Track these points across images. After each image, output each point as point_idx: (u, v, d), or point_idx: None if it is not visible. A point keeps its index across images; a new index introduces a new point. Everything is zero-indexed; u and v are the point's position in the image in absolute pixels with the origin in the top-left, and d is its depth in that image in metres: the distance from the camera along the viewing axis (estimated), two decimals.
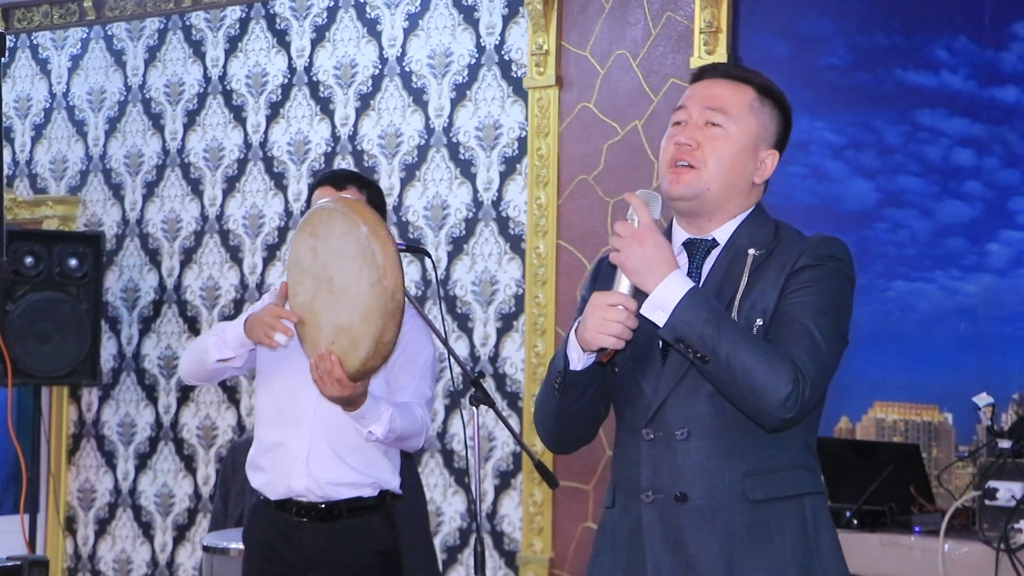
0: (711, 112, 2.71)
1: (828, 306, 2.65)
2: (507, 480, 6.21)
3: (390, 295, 3.45)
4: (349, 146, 6.68)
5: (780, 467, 2.65)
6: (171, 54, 7.24)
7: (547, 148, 6.12)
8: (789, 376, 2.54)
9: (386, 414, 3.83)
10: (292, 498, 3.98)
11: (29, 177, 7.66)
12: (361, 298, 3.49)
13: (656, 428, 2.65)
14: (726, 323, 2.55)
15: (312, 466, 3.94)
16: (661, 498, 2.64)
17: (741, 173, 2.73)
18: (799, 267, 2.65)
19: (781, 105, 2.79)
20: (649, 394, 2.66)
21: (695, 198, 2.70)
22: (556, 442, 2.83)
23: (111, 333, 7.34)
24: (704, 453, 2.63)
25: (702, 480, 2.62)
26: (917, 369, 5.29)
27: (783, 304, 2.63)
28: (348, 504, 3.98)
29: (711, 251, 2.74)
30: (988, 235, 5.23)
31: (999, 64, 5.23)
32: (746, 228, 2.73)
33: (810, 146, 5.58)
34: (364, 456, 3.97)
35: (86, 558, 7.40)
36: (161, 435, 7.21)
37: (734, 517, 2.61)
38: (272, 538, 4.00)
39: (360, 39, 6.67)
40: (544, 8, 6.08)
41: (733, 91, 2.74)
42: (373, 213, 3.55)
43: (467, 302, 6.34)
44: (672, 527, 2.63)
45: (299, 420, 3.94)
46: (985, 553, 4.40)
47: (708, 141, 2.70)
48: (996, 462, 4.49)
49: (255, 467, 4.05)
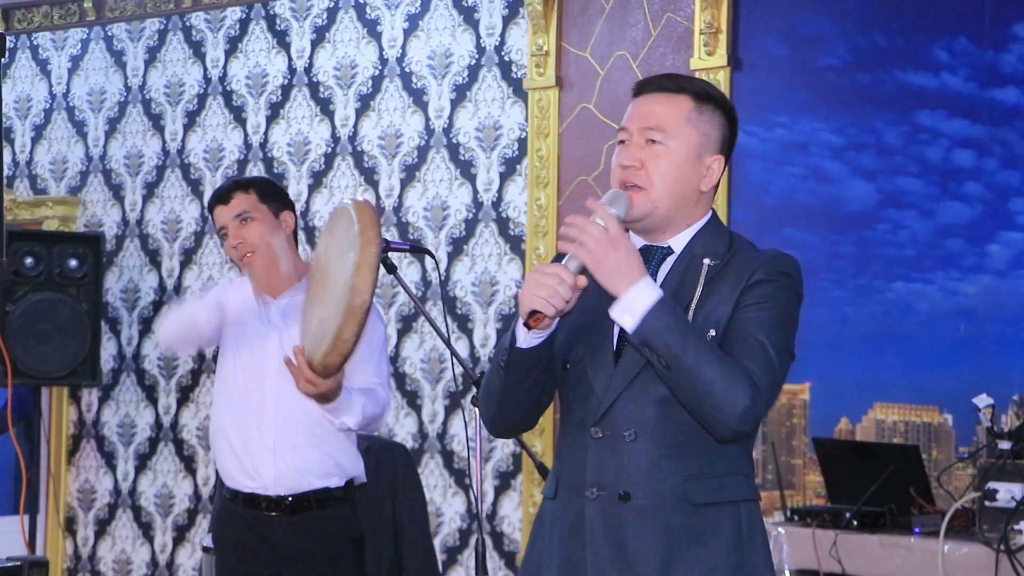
0: (649, 131, 2.76)
1: (780, 322, 2.71)
2: (507, 481, 6.21)
3: (356, 292, 3.45)
4: (349, 147, 6.68)
5: (720, 473, 2.72)
6: (171, 55, 7.24)
7: (547, 149, 6.12)
8: (748, 391, 2.61)
9: (358, 404, 3.87)
10: (260, 493, 3.99)
11: (29, 178, 7.66)
12: (337, 291, 3.51)
13: (605, 427, 2.71)
14: (692, 333, 2.61)
15: (279, 461, 3.96)
16: (605, 495, 2.70)
17: (688, 185, 2.77)
18: (753, 282, 2.70)
19: (724, 108, 2.82)
20: (600, 393, 2.72)
21: (645, 218, 2.76)
22: (496, 424, 2.88)
23: (111, 334, 7.34)
24: (650, 455, 2.69)
25: (646, 481, 2.68)
26: (917, 370, 5.29)
27: (737, 317, 2.68)
28: (316, 495, 4.00)
29: (666, 258, 2.79)
30: (988, 236, 5.23)
31: (999, 65, 5.23)
32: (701, 238, 2.79)
33: (810, 147, 5.58)
34: (329, 443, 4.01)
35: (86, 559, 7.40)
36: (161, 436, 7.21)
37: (674, 518, 2.68)
38: (244, 535, 4.02)
39: (360, 40, 6.68)
40: (544, 9, 6.08)
41: (669, 104, 2.78)
42: (373, 216, 3.57)
43: (467, 303, 6.34)
44: (614, 524, 2.69)
45: (263, 417, 3.97)
46: (985, 554, 4.40)
47: (650, 159, 2.75)
48: (996, 463, 4.50)
49: (223, 464, 4.07)
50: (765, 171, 5.67)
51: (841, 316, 5.44)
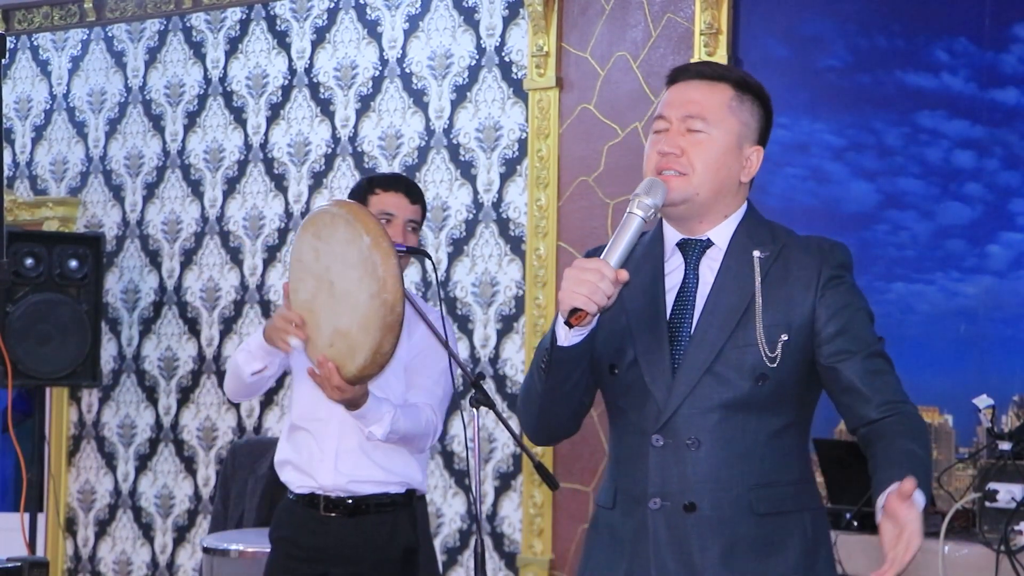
0: (691, 119, 2.70)
1: (870, 324, 2.72)
2: (507, 481, 6.21)
3: (390, 308, 3.48)
4: (349, 147, 6.68)
5: (786, 481, 2.67)
6: (171, 55, 7.24)
7: (547, 150, 6.12)
8: (920, 422, 2.66)
9: (387, 416, 3.86)
10: (318, 493, 4.00)
11: (29, 178, 7.66)
12: (360, 307, 3.52)
13: (666, 435, 2.64)
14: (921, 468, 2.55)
15: (340, 462, 3.97)
16: (669, 506, 2.64)
17: (728, 174, 2.73)
18: (824, 281, 2.68)
19: (761, 98, 2.78)
20: (660, 401, 2.65)
21: (684, 203, 2.70)
22: (538, 430, 2.80)
23: (111, 334, 7.34)
24: (714, 463, 2.63)
25: (711, 490, 2.63)
26: (917, 371, 5.29)
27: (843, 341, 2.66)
28: (375, 500, 4.00)
29: (706, 251, 2.74)
30: (988, 237, 5.23)
31: (999, 66, 5.23)
32: (744, 230, 2.74)
33: (810, 148, 5.58)
34: (391, 454, 4.00)
35: (86, 559, 7.40)
36: (161, 436, 7.21)
37: (740, 528, 2.62)
38: (298, 534, 4.04)
39: (360, 40, 6.68)
40: (544, 10, 6.08)
41: (710, 93, 2.73)
42: (375, 222, 3.57)
43: (467, 303, 6.34)
44: (679, 535, 2.63)
45: (328, 418, 3.98)
46: (985, 555, 4.40)
47: (692, 147, 2.69)
48: (996, 464, 4.49)
49: (285, 463, 4.09)
50: (765, 172, 5.62)
51: None
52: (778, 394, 2.65)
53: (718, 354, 2.64)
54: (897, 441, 2.57)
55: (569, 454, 5.89)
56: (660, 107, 2.76)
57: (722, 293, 2.68)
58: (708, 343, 2.65)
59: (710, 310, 2.67)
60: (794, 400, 2.68)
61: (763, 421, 2.64)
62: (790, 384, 2.66)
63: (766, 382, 2.63)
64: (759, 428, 2.64)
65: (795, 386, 2.67)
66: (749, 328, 2.64)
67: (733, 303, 2.66)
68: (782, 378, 2.64)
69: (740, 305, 2.65)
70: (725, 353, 2.64)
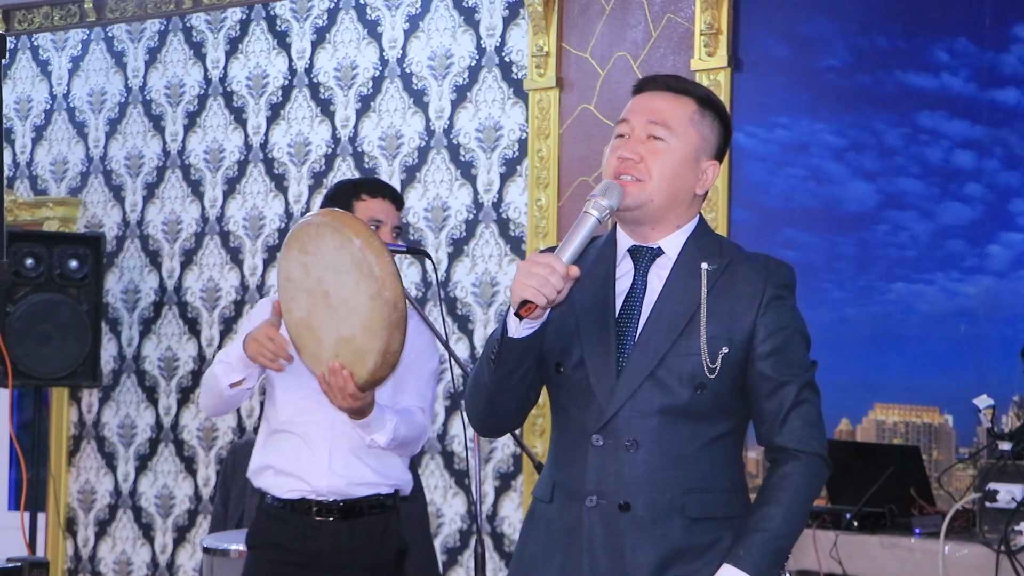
0: (653, 126, 2.77)
1: (804, 349, 2.78)
2: (507, 482, 6.21)
3: (392, 306, 3.47)
4: (349, 148, 6.68)
5: (719, 488, 2.74)
6: (172, 56, 7.24)
7: (547, 150, 6.12)
8: (823, 474, 2.74)
9: (390, 423, 3.85)
10: (310, 498, 3.96)
11: (30, 178, 7.66)
12: (361, 310, 3.50)
13: (606, 436, 2.71)
14: (774, 538, 2.69)
15: (334, 466, 3.94)
16: (605, 504, 2.71)
17: (683, 185, 2.79)
18: (767, 300, 2.74)
19: (722, 116, 2.85)
20: (602, 402, 2.72)
21: (638, 208, 2.76)
22: (484, 421, 2.88)
23: (111, 335, 7.34)
24: (650, 466, 2.70)
25: (645, 492, 2.70)
26: (917, 371, 5.29)
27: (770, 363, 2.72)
28: (367, 502, 3.99)
29: (656, 259, 2.80)
30: (988, 237, 5.23)
31: (999, 66, 5.23)
32: (695, 241, 2.80)
33: (810, 148, 5.58)
34: (382, 456, 3.99)
35: (86, 559, 7.40)
36: (161, 436, 7.21)
37: (671, 530, 2.70)
38: (288, 540, 3.98)
39: (360, 41, 6.68)
40: (544, 10, 6.08)
41: (674, 104, 2.80)
42: (363, 224, 3.56)
43: (467, 304, 6.34)
44: (612, 533, 2.70)
45: (319, 422, 3.95)
46: (985, 555, 4.40)
47: (651, 154, 2.76)
48: (996, 464, 4.50)
49: (264, 468, 4.03)
50: (765, 172, 5.67)
51: (841, 317, 5.44)
52: (715, 404, 2.72)
53: (660, 361, 2.71)
54: (767, 505, 2.70)
55: None
56: (624, 113, 2.83)
57: (668, 301, 2.74)
58: (651, 349, 2.72)
59: (655, 317, 2.74)
60: (731, 411, 2.76)
61: (700, 429, 2.72)
62: (727, 395, 2.73)
63: (704, 391, 2.70)
64: (696, 435, 2.71)
65: (732, 397, 2.74)
66: (692, 338, 2.71)
67: (678, 312, 2.73)
68: (720, 389, 2.71)
69: (685, 314, 2.72)
70: (667, 360, 2.71)
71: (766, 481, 2.73)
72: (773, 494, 2.69)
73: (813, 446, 2.71)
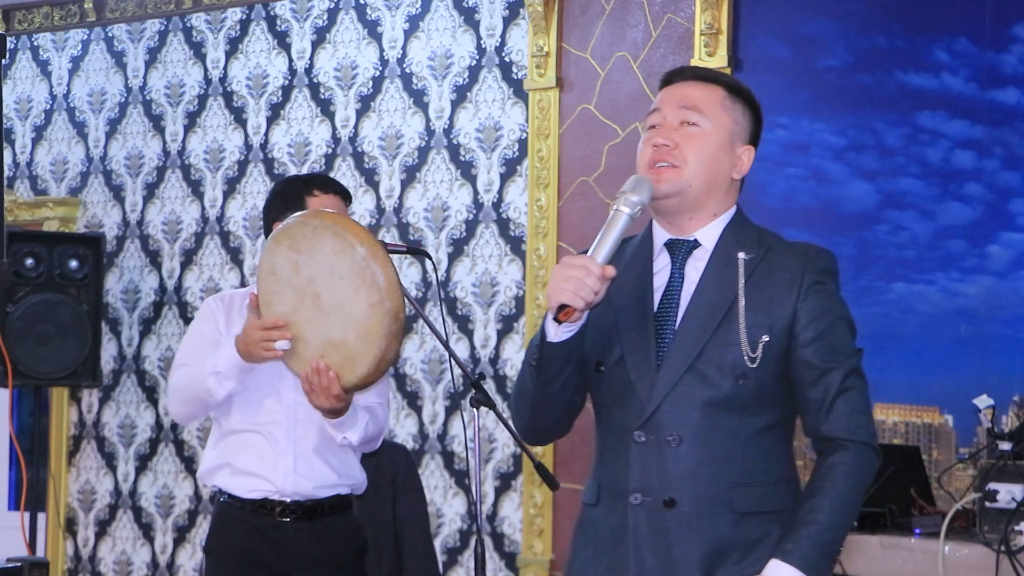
0: (686, 111, 2.76)
1: (848, 334, 2.73)
2: (507, 482, 6.21)
3: (393, 316, 3.48)
4: (349, 148, 6.68)
5: (766, 481, 2.70)
6: (172, 56, 7.24)
7: (547, 150, 6.12)
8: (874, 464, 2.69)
9: (362, 421, 3.87)
10: (272, 498, 3.95)
11: (30, 178, 7.66)
12: (359, 317, 3.50)
13: (648, 431, 2.68)
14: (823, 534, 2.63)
15: (299, 467, 3.94)
16: (650, 501, 2.67)
17: (720, 170, 2.77)
18: (807, 286, 2.70)
19: (751, 103, 2.84)
20: (643, 397, 2.68)
21: (677, 195, 2.73)
22: (531, 430, 2.84)
23: (111, 335, 7.34)
24: (694, 460, 2.66)
25: (691, 487, 2.66)
26: (917, 371, 5.29)
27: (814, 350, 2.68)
28: (329, 503, 3.99)
29: (693, 251, 2.77)
30: (988, 237, 5.23)
31: (1000, 66, 5.23)
32: (731, 232, 2.77)
33: (810, 148, 5.58)
34: (342, 455, 4.00)
35: (86, 559, 7.40)
36: (161, 437, 7.20)
37: (718, 526, 2.66)
38: (251, 542, 3.96)
39: (361, 41, 6.68)
40: (544, 10, 6.08)
41: (704, 90, 2.79)
42: (365, 230, 3.55)
43: (467, 304, 6.34)
44: (659, 531, 2.66)
45: (281, 422, 3.94)
46: (985, 555, 4.40)
47: (685, 140, 2.74)
48: (996, 464, 4.49)
49: (221, 467, 4.00)
50: (765, 172, 5.67)
51: None
52: (759, 394, 2.68)
53: (700, 352, 2.67)
54: (815, 497, 2.65)
55: (569, 454, 5.89)
56: (654, 104, 2.81)
57: (705, 292, 2.71)
58: (690, 341, 2.68)
59: (693, 309, 2.70)
60: (776, 401, 2.71)
61: (744, 421, 2.68)
62: (771, 385, 2.69)
63: (747, 381, 2.66)
64: (740, 427, 2.67)
65: (776, 387, 2.70)
66: (731, 328, 2.68)
67: (716, 302, 2.69)
68: (763, 378, 2.67)
69: (723, 305, 2.69)
70: (707, 351, 2.67)
71: (814, 472, 2.68)
72: (821, 485, 2.64)
73: (861, 434, 2.67)
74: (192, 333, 4.03)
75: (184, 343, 4.06)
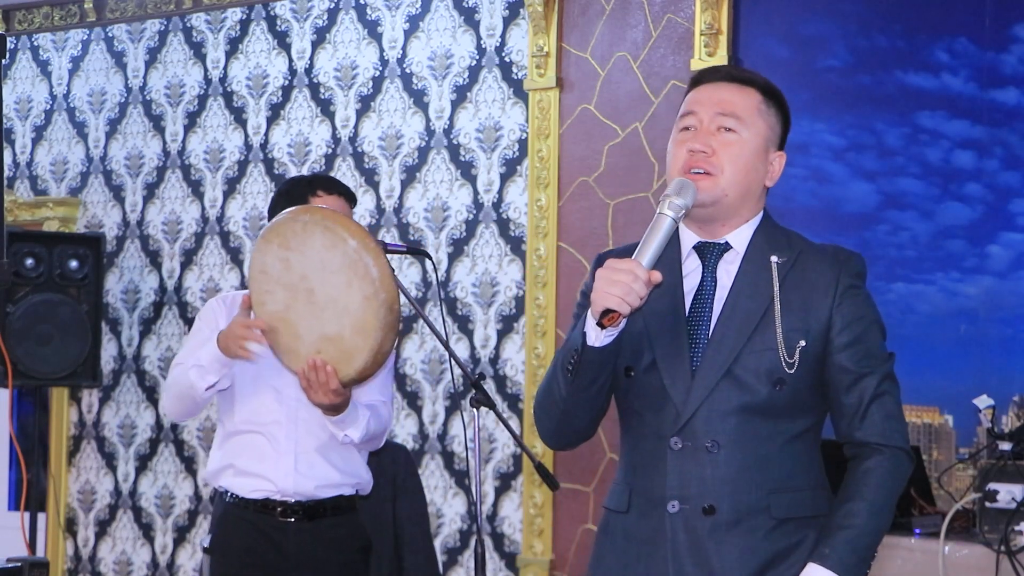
0: (723, 117, 2.70)
1: (880, 339, 2.74)
2: (507, 482, 6.21)
3: (388, 307, 3.47)
4: (350, 148, 6.68)
5: (803, 486, 2.69)
6: (172, 56, 7.24)
7: (548, 150, 6.12)
8: (907, 468, 2.70)
9: (363, 418, 3.85)
10: (274, 498, 3.95)
11: (30, 178, 7.66)
12: (353, 310, 3.49)
13: (685, 438, 2.65)
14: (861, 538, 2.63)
15: (300, 466, 3.93)
16: (688, 509, 2.64)
17: (755, 177, 2.73)
18: (842, 290, 2.69)
19: (784, 107, 2.79)
20: (678, 403, 2.65)
21: (713, 204, 2.69)
22: (557, 435, 2.79)
23: (111, 335, 7.34)
24: (732, 467, 2.64)
25: (730, 493, 2.64)
26: (917, 371, 5.29)
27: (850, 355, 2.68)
28: (332, 503, 3.99)
29: (724, 255, 2.73)
30: (988, 237, 5.23)
31: (1000, 66, 5.23)
32: (762, 234, 2.74)
33: (811, 148, 5.58)
34: (345, 455, 3.98)
35: (86, 559, 7.40)
36: (161, 437, 7.21)
37: (757, 532, 2.64)
38: (253, 542, 3.96)
39: (361, 41, 6.68)
40: (544, 10, 6.08)
41: (741, 95, 2.73)
42: (356, 224, 3.54)
43: (467, 304, 6.34)
44: (697, 538, 2.64)
45: (282, 422, 3.93)
46: (985, 555, 4.40)
47: (723, 147, 2.69)
48: (996, 464, 4.49)
49: (225, 468, 4.00)
50: None
51: None
52: (795, 399, 2.66)
53: (736, 358, 2.64)
54: (851, 501, 2.65)
55: (569, 454, 5.89)
56: (688, 105, 2.75)
57: (741, 297, 2.67)
58: (726, 346, 2.65)
59: (728, 314, 2.67)
60: (809, 407, 2.70)
61: (780, 427, 2.66)
62: (805, 391, 2.67)
63: (784, 387, 2.64)
64: (776, 433, 2.65)
65: (810, 393, 2.68)
66: (768, 333, 2.65)
67: (751, 307, 2.66)
68: (798, 384, 2.65)
69: (758, 309, 2.66)
70: (743, 357, 2.64)
71: (848, 477, 2.67)
72: (857, 490, 2.63)
73: (896, 439, 2.67)
74: (192, 333, 4.05)
75: (184, 343, 4.07)
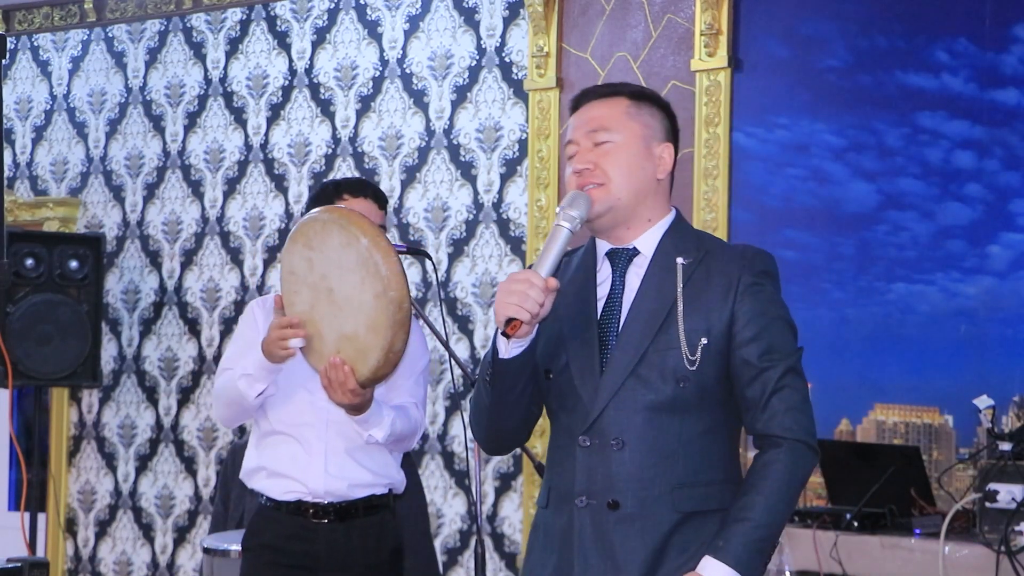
0: (595, 133, 2.82)
1: (787, 334, 2.77)
2: (507, 482, 6.21)
3: (397, 305, 3.48)
4: (350, 148, 6.68)
5: (709, 481, 2.75)
6: (172, 56, 7.24)
7: (548, 150, 6.13)
8: (810, 461, 2.72)
9: (387, 418, 3.86)
10: (306, 500, 3.96)
11: (30, 179, 7.67)
12: (366, 309, 3.51)
13: (592, 436, 2.74)
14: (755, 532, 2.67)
15: (330, 468, 3.94)
16: (594, 504, 2.73)
17: (643, 174, 2.82)
18: (742, 288, 2.74)
19: (658, 102, 2.89)
20: (588, 403, 2.74)
21: (609, 211, 2.80)
22: (490, 440, 2.90)
23: (111, 335, 7.34)
24: (638, 463, 2.72)
25: (634, 489, 2.71)
26: (918, 371, 5.29)
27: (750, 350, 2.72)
28: (364, 503, 3.99)
29: (633, 259, 2.83)
30: (988, 237, 5.23)
31: (1000, 66, 5.23)
32: (670, 238, 2.82)
33: (810, 148, 5.58)
34: (376, 456, 3.99)
35: (86, 560, 7.40)
36: (161, 437, 7.21)
37: (662, 526, 2.71)
38: (285, 542, 3.97)
39: (361, 41, 6.68)
40: (545, 10, 6.08)
41: (607, 106, 2.85)
42: (371, 223, 3.56)
43: (467, 304, 6.34)
44: (603, 532, 2.72)
45: (312, 423, 3.94)
46: (985, 555, 4.40)
47: (602, 157, 2.81)
48: (996, 464, 4.50)
49: (258, 470, 4.02)
50: (765, 172, 5.67)
51: (841, 317, 5.44)
52: (701, 396, 2.73)
53: (641, 357, 2.73)
54: (747, 494, 2.69)
55: None
56: (568, 134, 2.88)
57: (645, 298, 2.76)
58: (632, 347, 2.74)
59: (634, 315, 2.76)
60: (718, 402, 2.76)
61: (687, 423, 2.73)
62: (712, 387, 2.74)
63: (687, 384, 2.71)
64: (683, 429, 2.72)
65: (717, 389, 2.75)
66: (671, 332, 2.73)
67: (655, 308, 2.75)
68: (703, 381, 2.72)
69: (662, 310, 2.74)
70: (648, 356, 2.72)
71: (749, 470, 2.74)
72: (754, 483, 2.69)
73: (796, 432, 2.71)
74: (235, 338, 4.07)
75: (228, 348, 4.08)
